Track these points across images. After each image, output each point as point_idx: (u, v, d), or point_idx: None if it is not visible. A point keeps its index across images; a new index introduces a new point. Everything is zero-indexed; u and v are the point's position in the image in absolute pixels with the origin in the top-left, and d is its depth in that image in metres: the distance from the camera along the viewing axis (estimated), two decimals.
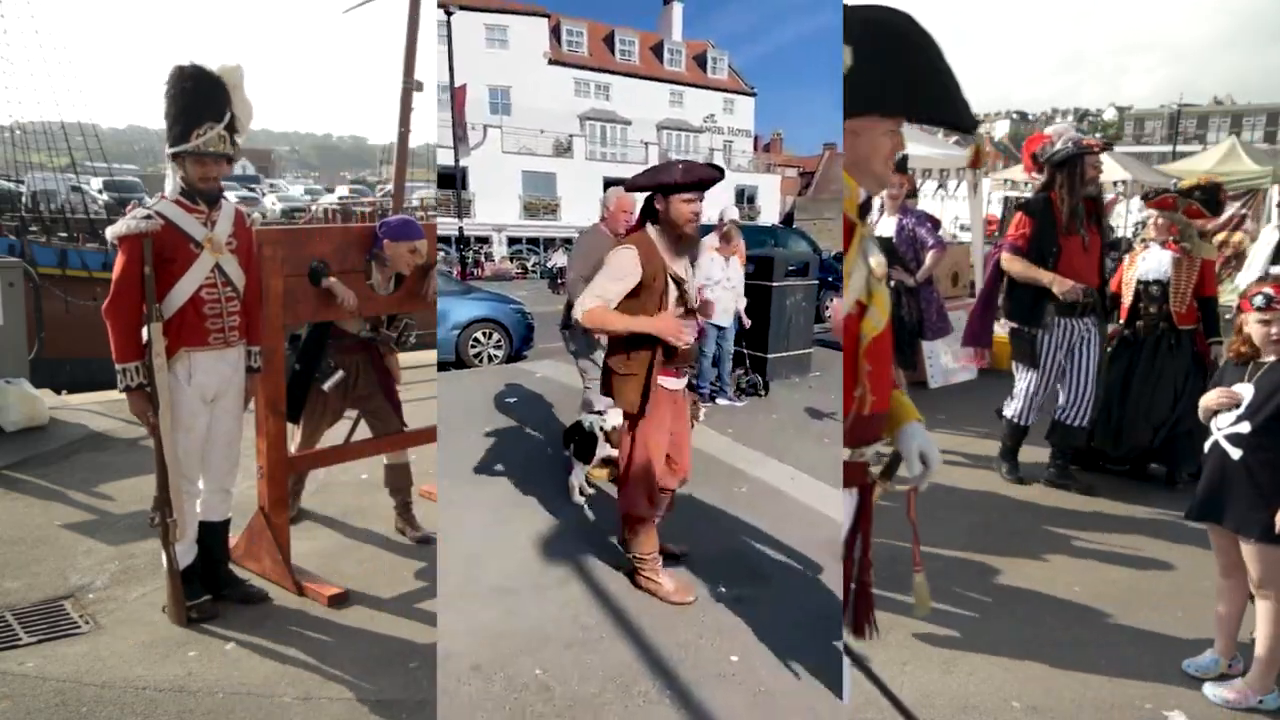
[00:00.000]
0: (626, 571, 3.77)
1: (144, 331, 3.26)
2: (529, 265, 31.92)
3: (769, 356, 7.85)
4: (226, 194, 3.58)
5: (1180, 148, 39.47)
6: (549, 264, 26.42)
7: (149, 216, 3.24)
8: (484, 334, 10.01)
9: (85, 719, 2.74)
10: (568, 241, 26.19)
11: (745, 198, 39.10)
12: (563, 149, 36.27)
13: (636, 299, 3.30)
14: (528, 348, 10.36)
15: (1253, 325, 3.01)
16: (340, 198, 29.04)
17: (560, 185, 35.77)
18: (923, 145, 10.62)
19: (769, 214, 39.36)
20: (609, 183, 5.39)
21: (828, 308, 14.08)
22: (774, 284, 7.76)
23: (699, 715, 2.81)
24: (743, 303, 7.03)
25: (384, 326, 4.30)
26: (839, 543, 3.47)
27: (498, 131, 34.05)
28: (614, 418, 4.77)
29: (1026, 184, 12.75)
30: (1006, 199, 14.54)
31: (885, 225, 5.75)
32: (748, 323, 7.20)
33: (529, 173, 35.29)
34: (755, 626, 3.43)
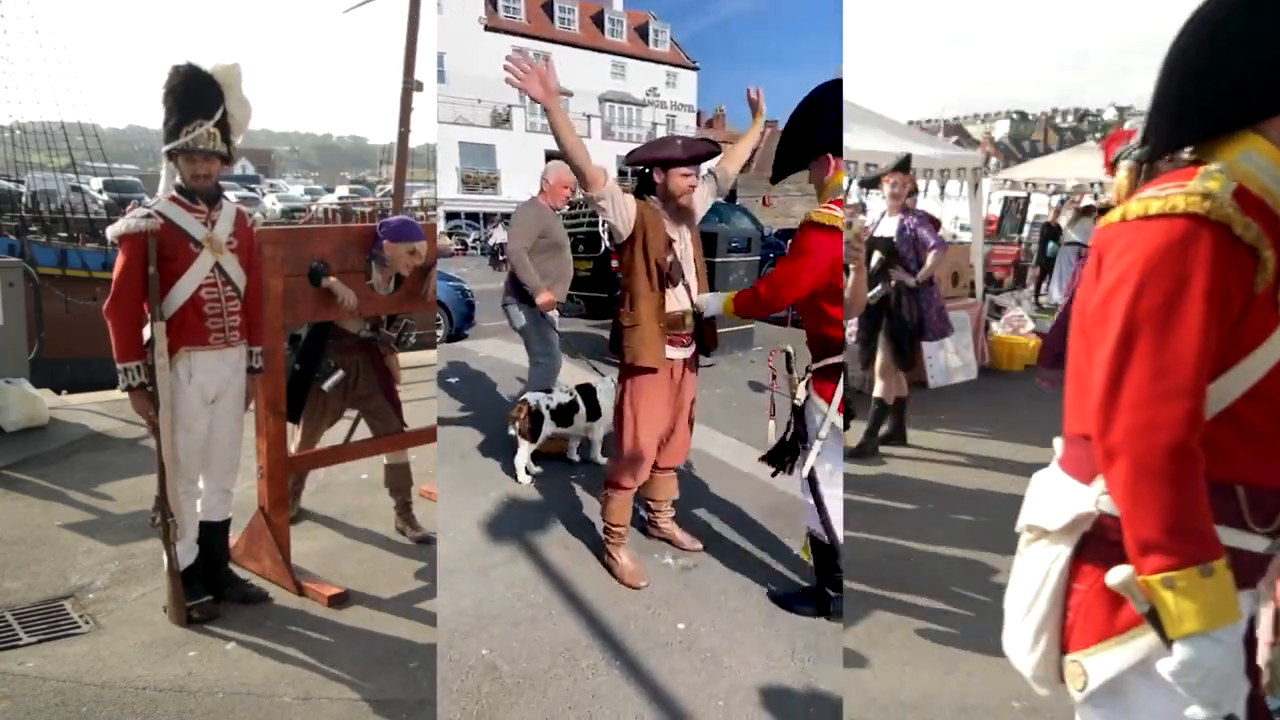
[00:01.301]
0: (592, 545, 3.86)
1: (145, 331, 3.26)
2: (469, 241, 30.57)
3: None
4: (226, 194, 3.58)
5: None
6: (489, 240, 25.44)
7: (149, 215, 3.24)
8: None
9: (85, 719, 2.74)
10: (508, 217, 25.67)
11: None
12: (501, 120, 34.76)
13: (644, 263, 3.42)
14: (469, 326, 10.18)
15: None
16: (340, 198, 28.86)
17: (499, 157, 34.20)
18: (923, 146, 10.60)
19: None
20: (549, 156, 5.37)
21: None
22: (717, 259, 7.87)
23: (646, 683, 2.89)
24: None
25: (384, 326, 4.30)
26: (782, 511, 3.56)
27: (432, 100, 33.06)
28: (561, 395, 4.81)
29: (1027, 183, 12.74)
30: (1006, 199, 14.53)
31: (887, 225, 5.75)
32: None
33: (466, 144, 33.79)
34: (702, 595, 3.51)
